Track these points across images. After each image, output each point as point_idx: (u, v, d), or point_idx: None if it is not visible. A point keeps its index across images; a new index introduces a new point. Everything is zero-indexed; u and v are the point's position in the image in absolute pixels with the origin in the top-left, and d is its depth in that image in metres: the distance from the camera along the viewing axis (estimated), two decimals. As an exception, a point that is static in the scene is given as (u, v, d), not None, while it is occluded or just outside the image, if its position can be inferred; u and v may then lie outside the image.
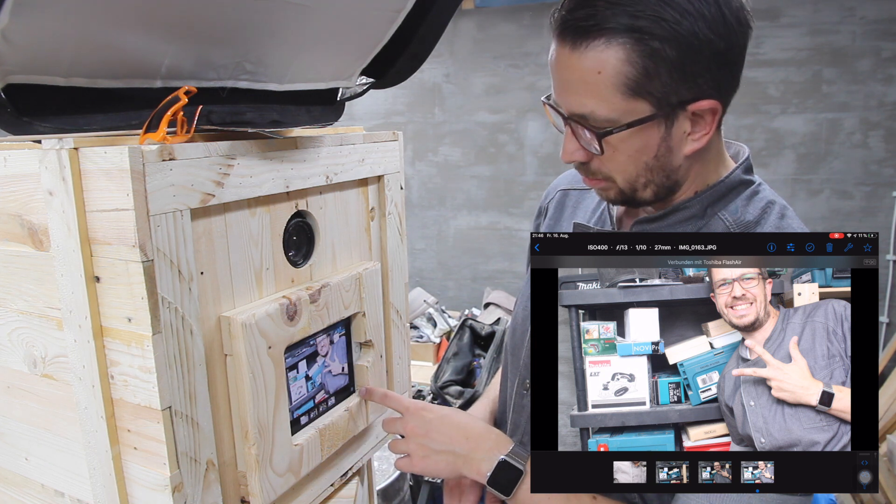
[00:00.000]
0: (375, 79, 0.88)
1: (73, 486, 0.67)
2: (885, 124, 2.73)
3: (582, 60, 0.66)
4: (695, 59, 0.65)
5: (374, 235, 0.89)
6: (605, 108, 0.67)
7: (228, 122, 0.67)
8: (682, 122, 0.69)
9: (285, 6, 0.65)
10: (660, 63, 0.65)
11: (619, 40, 0.64)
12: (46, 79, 0.57)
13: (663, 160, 0.71)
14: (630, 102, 0.67)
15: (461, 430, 0.78)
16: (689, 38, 0.64)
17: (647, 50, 0.64)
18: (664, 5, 0.63)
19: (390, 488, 1.96)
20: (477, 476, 0.75)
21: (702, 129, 0.70)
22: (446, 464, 0.77)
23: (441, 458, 0.77)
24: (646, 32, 0.64)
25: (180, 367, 0.58)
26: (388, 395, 0.83)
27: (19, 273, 0.63)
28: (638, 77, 0.65)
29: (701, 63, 0.65)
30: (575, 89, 0.68)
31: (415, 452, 0.78)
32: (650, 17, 0.63)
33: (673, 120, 0.69)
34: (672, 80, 0.66)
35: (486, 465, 0.74)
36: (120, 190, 0.53)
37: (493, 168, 3.37)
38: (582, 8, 0.66)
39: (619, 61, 0.65)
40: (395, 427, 0.81)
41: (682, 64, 0.65)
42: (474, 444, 0.76)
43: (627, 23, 0.64)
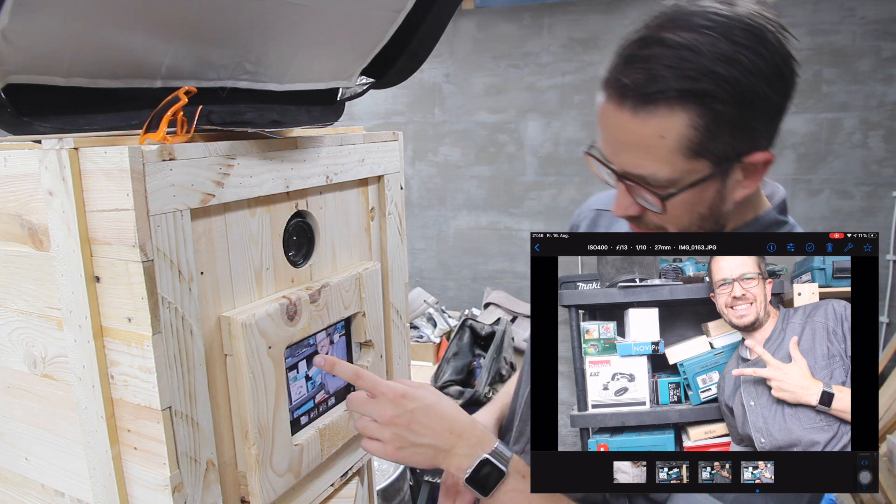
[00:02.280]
0: (375, 79, 0.88)
1: (73, 486, 0.67)
2: (885, 124, 2.72)
3: (644, 126, 0.65)
4: (753, 115, 0.65)
5: (374, 235, 0.89)
6: (667, 170, 0.66)
7: (228, 122, 0.67)
8: (735, 174, 0.69)
9: (285, 6, 0.65)
10: (722, 124, 0.64)
11: (683, 105, 0.63)
12: (46, 79, 0.57)
13: (716, 209, 0.71)
14: (691, 163, 0.66)
15: (445, 423, 0.73)
16: (749, 96, 0.63)
17: (710, 113, 0.63)
18: (723, 64, 0.62)
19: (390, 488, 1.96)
20: (456, 471, 0.71)
21: (754, 177, 0.70)
22: (424, 457, 0.72)
23: (420, 450, 0.72)
24: (708, 95, 0.63)
25: (180, 367, 0.58)
26: (361, 375, 0.75)
27: (19, 273, 0.63)
28: (701, 139, 0.65)
29: (759, 118, 0.66)
30: (634, 152, 0.67)
31: (390, 441, 0.72)
32: (711, 78, 0.62)
33: (728, 173, 0.68)
34: (732, 138, 0.65)
35: (467, 461, 0.71)
36: (120, 190, 0.53)
37: (493, 168, 3.37)
38: (639, 70, 0.64)
39: (683, 126, 0.64)
40: (367, 408, 0.73)
41: (741, 122, 0.64)
42: (457, 439, 0.72)
43: (691, 87, 0.62)
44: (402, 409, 0.72)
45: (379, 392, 0.73)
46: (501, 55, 3.23)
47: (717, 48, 0.62)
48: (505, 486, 0.70)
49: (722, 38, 0.62)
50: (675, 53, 0.62)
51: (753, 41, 0.63)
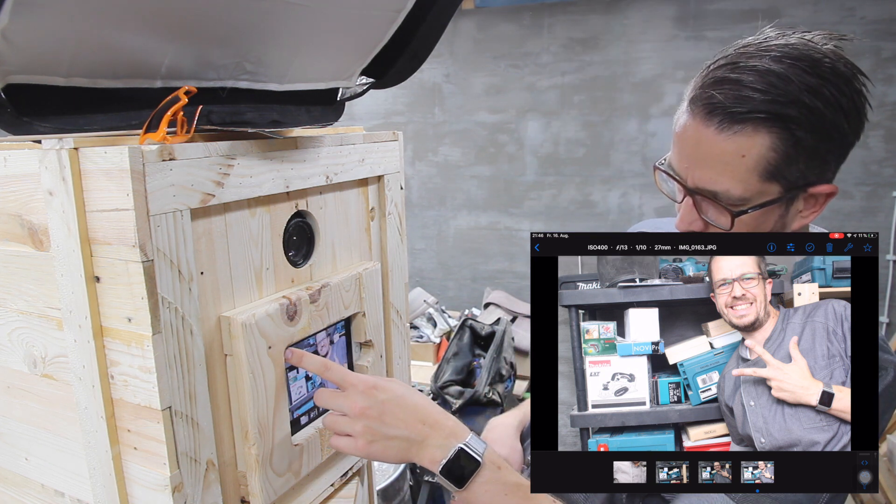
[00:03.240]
0: (375, 79, 0.88)
1: (73, 486, 0.67)
2: (885, 124, 2.72)
3: (728, 143, 0.68)
4: (829, 147, 0.68)
5: (374, 235, 0.89)
6: (741, 188, 0.69)
7: (228, 122, 0.67)
8: (798, 202, 0.71)
9: (285, 6, 0.65)
10: (800, 151, 0.67)
11: (768, 127, 0.66)
12: (46, 79, 0.57)
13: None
14: (764, 184, 0.69)
15: (417, 414, 0.71)
16: (829, 129, 0.66)
17: (792, 138, 0.66)
18: (811, 95, 0.65)
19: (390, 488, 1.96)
20: (429, 464, 0.69)
21: (813, 207, 0.72)
22: (397, 450, 0.70)
23: (392, 443, 0.69)
24: (793, 121, 0.65)
25: (180, 367, 0.58)
26: (330, 367, 0.72)
27: (19, 273, 0.63)
28: (779, 163, 0.67)
29: (833, 151, 0.69)
30: (712, 167, 0.70)
31: (361, 435, 0.69)
32: (799, 107, 0.65)
33: (794, 200, 0.71)
34: (806, 166, 0.68)
35: (440, 452, 0.69)
36: (120, 190, 0.53)
37: (493, 168, 3.37)
38: (730, 90, 0.67)
39: (765, 147, 0.67)
40: (336, 402, 0.71)
41: (817, 152, 0.67)
42: (430, 430, 0.70)
43: (778, 111, 0.65)
44: (374, 401, 0.70)
45: (348, 384, 0.71)
46: (501, 55, 3.23)
47: (805, 80, 0.65)
48: (480, 478, 0.68)
49: (810, 71, 0.66)
50: (765, 80, 0.66)
51: (838, 79, 0.66)
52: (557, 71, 3.15)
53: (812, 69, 0.65)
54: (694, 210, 0.73)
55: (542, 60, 3.16)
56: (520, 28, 3.18)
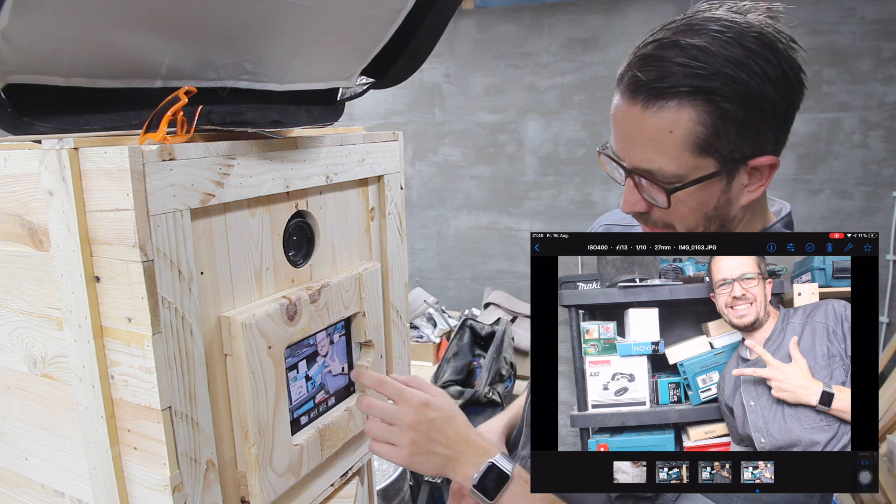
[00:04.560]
0: (375, 79, 0.88)
1: (73, 486, 0.67)
2: (885, 124, 2.72)
3: (654, 120, 0.68)
4: (760, 118, 0.67)
5: (374, 235, 0.89)
6: (674, 165, 0.69)
7: (228, 122, 0.67)
8: (741, 176, 0.71)
9: (285, 6, 0.65)
10: (728, 123, 0.66)
11: (692, 101, 0.66)
12: (46, 79, 0.57)
13: (722, 211, 0.73)
14: (697, 159, 0.68)
15: (459, 433, 0.76)
16: (756, 99, 0.66)
17: (717, 110, 0.66)
18: (734, 67, 0.65)
19: (390, 488, 1.96)
20: (462, 479, 0.74)
21: (759, 181, 0.72)
22: (436, 465, 0.75)
23: (433, 458, 0.75)
24: (717, 94, 0.65)
25: (180, 367, 0.58)
26: (385, 382, 0.78)
27: (19, 273, 0.63)
28: (707, 136, 0.67)
29: (765, 122, 0.68)
30: (643, 146, 0.70)
31: (405, 446, 0.74)
32: (722, 79, 0.65)
33: (734, 174, 0.71)
34: (738, 138, 0.68)
35: (473, 469, 0.74)
36: (120, 190, 0.53)
37: (493, 168, 3.37)
38: (653, 68, 0.67)
39: (691, 122, 0.66)
40: (388, 413, 0.76)
41: (748, 123, 0.67)
42: (466, 448, 0.76)
43: (700, 84, 0.65)
44: (424, 417, 0.75)
45: (403, 399, 0.76)
46: (501, 55, 3.23)
47: (728, 51, 0.65)
48: (509, 491, 0.73)
49: (734, 43, 0.65)
50: (688, 54, 0.66)
51: (763, 48, 0.66)
52: (557, 71, 3.15)
53: (736, 40, 0.65)
54: (636, 191, 0.73)
55: (542, 60, 3.16)
56: (520, 28, 3.18)
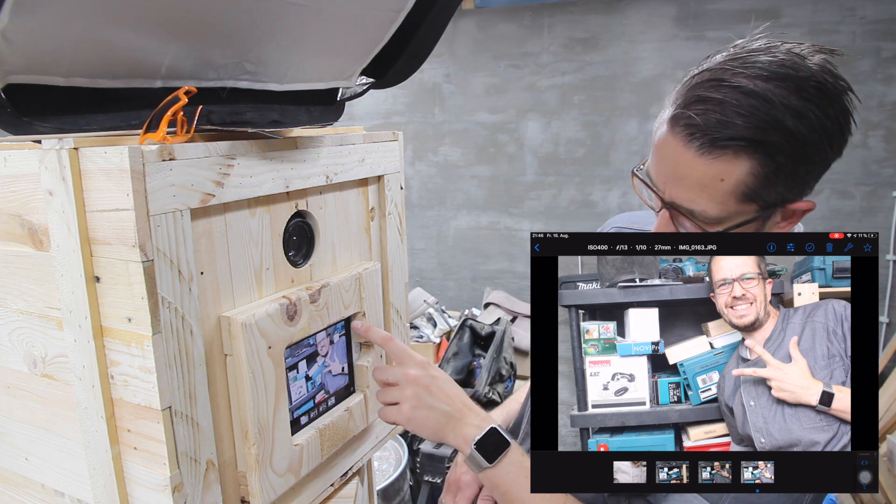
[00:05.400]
0: (375, 79, 0.88)
1: (73, 486, 0.67)
2: (885, 124, 2.72)
3: (707, 167, 0.66)
4: (809, 169, 0.67)
5: (374, 235, 0.89)
6: (717, 210, 0.68)
7: (228, 122, 0.67)
8: (776, 216, 0.71)
9: (285, 6, 0.65)
10: (780, 174, 0.66)
11: (749, 153, 0.64)
12: (46, 79, 0.57)
13: None
14: (741, 205, 0.68)
15: (460, 395, 0.79)
16: (810, 152, 0.65)
17: (772, 164, 0.65)
18: (794, 118, 0.63)
19: (390, 488, 1.96)
20: (462, 442, 0.75)
21: (791, 219, 0.71)
22: (435, 422, 0.76)
23: (433, 414, 0.76)
24: (774, 147, 0.64)
25: (180, 367, 0.58)
26: (392, 340, 0.81)
27: (19, 273, 0.63)
28: (757, 186, 0.66)
29: (813, 172, 0.67)
30: (690, 188, 0.68)
31: (408, 400, 0.76)
32: (781, 132, 0.63)
33: (771, 216, 0.70)
34: (786, 188, 0.67)
35: (475, 431, 0.75)
36: (120, 190, 0.53)
37: (493, 168, 3.37)
38: (711, 111, 0.65)
39: (745, 173, 0.65)
40: (391, 372, 0.78)
41: (797, 174, 0.66)
42: (468, 411, 0.77)
43: (759, 137, 0.63)
44: (426, 373, 0.78)
45: (407, 357, 0.79)
46: (501, 55, 3.23)
47: (789, 101, 0.63)
48: (507, 458, 0.74)
49: (794, 92, 0.63)
50: (748, 102, 0.63)
51: (823, 100, 0.64)
52: (557, 71, 3.15)
53: (797, 89, 0.63)
54: (671, 223, 0.72)
55: (542, 60, 3.16)
56: (520, 28, 3.18)
